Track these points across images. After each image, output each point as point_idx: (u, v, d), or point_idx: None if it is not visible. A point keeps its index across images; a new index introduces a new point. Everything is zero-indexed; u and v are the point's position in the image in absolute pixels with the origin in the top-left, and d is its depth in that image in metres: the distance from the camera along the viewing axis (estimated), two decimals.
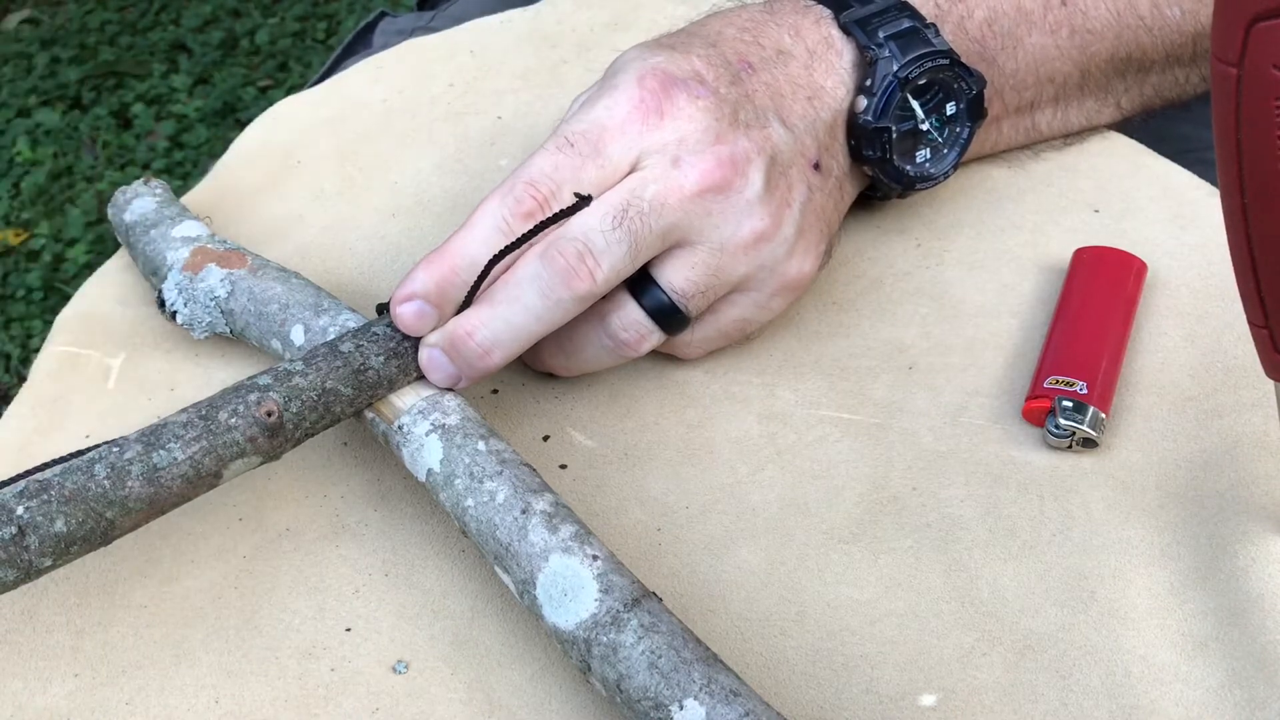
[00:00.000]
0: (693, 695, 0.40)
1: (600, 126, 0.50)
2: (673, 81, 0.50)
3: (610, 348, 0.52)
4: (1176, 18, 0.59)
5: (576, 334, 0.52)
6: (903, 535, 0.49)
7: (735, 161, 0.50)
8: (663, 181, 0.49)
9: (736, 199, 0.50)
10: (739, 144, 0.50)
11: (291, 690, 0.46)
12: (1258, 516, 0.48)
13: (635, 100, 0.50)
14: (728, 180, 0.50)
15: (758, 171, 0.50)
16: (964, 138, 0.57)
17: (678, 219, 0.49)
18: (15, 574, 0.43)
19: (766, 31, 0.54)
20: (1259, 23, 0.34)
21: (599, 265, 0.48)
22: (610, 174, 0.49)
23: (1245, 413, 0.51)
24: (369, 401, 0.49)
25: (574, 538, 0.44)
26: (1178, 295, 0.56)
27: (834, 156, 0.54)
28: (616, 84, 0.51)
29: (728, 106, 0.51)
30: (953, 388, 0.54)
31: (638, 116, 0.50)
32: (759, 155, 0.51)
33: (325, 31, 2.20)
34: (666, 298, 0.50)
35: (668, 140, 0.50)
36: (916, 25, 0.54)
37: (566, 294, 0.48)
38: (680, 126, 0.50)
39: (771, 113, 0.52)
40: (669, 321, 0.51)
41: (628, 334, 0.51)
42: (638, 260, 0.49)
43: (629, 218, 0.48)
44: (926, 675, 0.45)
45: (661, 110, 0.50)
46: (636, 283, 0.51)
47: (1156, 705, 0.44)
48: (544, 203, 0.48)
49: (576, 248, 0.48)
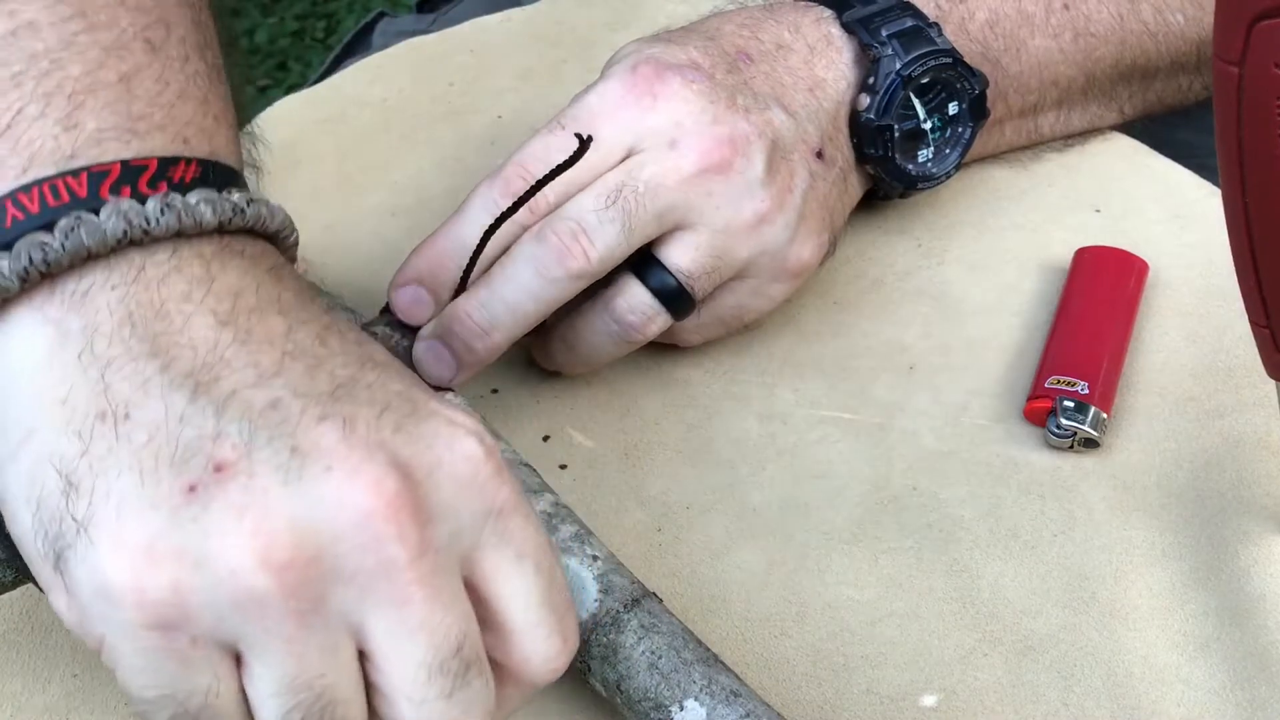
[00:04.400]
0: (693, 696, 0.40)
1: (592, 110, 0.50)
2: (666, 66, 0.51)
3: (616, 333, 0.51)
4: (1180, 24, 0.59)
5: (580, 322, 0.52)
6: (903, 535, 0.49)
7: (735, 142, 0.50)
8: (659, 164, 0.49)
9: (737, 179, 0.50)
10: (738, 125, 0.50)
11: None
12: (1259, 516, 0.48)
13: (628, 84, 0.50)
14: (727, 160, 0.50)
15: (759, 153, 0.50)
16: (966, 138, 0.57)
17: (675, 200, 0.49)
18: (15, 574, 0.43)
19: (766, 28, 0.54)
20: (1260, 22, 0.34)
21: (592, 244, 0.48)
22: (604, 156, 0.49)
23: (1247, 412, 0.51)
24: None
25: (574, 538, 0.44)
26: (1179, 295, 0.56)
27: (839, 148, 0.54)
28: (610, 73, 0.51)
29: (724, 91, 0.51)
30: (954, 388, 0.54)
31: (631, 99, 0.50)
32: (759, 138, 0.51)
33: (324, 31, 2.20)
34: (673, 279, 0.50)
35: (663, 123, 0.50)
36: (919, 24, 0.54)
37: (561, 272, 0.48)
38: (675, 109, 0.50)
39: (772, 99, 0.52)
40: (675, 303, 0.51)
41: (634, 316, 0.51)
42: (634, 241, 0.49)
43: (622, 197, 0.49)
44: (927, 676, 0.45)
45: (654, 92, 0.50)
46: (642, 265, 0.51)
47: (1158, 706, 0.44)
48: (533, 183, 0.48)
49: (570, 227, 0.48)
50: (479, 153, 0.65)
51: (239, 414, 0.33)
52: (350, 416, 0.34)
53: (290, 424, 0.33)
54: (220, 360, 0.34)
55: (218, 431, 0.33)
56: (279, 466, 0.33)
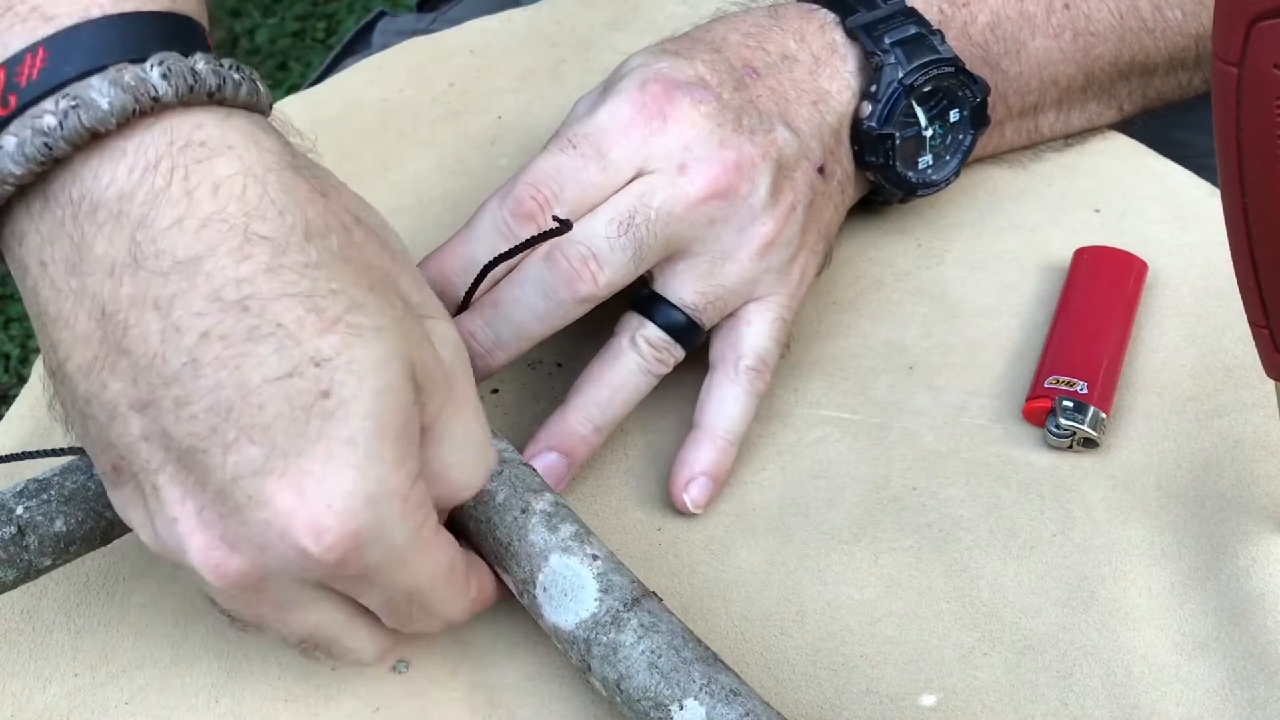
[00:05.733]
0: (693, 695, 0.40)
1: (603, 129, 0.50)
2: (676, 86, 0.50)
3: (646, 369, 0.51)
4: (1178, 20, 0.59)
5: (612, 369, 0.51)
6: (903, 535, 0.49)
7: (741, 167, 0.50)
8: (670, 189, 0.49)
9: (742, 205, 0.50)
10: (744, 149, 0.50)
11: (291, 690, 0.46)
12: (1258, 516, 0.48)
13: (638, 104, 0.50)
14: (733, 186, 0.50)
15: (763, 177, 0.50)
16: (966, 145, 0.57)
17: (682, 228, 0.49)
18: (15, 574, 0.43)
19: (771, 37, 0.54)
20: (1260, 22, 0.34)
21: (601, 270, 0.48)
22: (613, 177, 0.49)
23: (1246, 412, 0.51)
24: None
25: (574, 537, 0.44)
26: (1178, 295, 0.56)
27: (838, 161, 0.54)
28: (620, 89, 0.51)
29: (731, 112, 0.51)
30: (953, 388, 0.54)
31: (641, 120, 0.50)
32: (764, 160, 0.51)
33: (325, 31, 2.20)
34: (681, 314, 0.50)
35: (672, 146, 0.50)
36: (922, 32, 0.54)
37: (568, 295, 0.48)
38: (684, 131, 0.50)
39: (777, 117, 0.52)
40: (685, 337, 0.51)
41: (658, 353, 0.51)
42: (641, 267, 0.49)
43: (635, 225, 0.49)
44: (927, 675, 0.45)
45: (665, 114, 0.50)
46: (649, 303, 0.51)
47: (1157, 706, 0.44)
48: (545, 204, 0.49)
49: (580, 251, 0.48)
50: (479, 153, 0.65)
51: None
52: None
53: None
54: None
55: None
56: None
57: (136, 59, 0.38)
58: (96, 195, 0.37)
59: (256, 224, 0.37)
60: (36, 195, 0.39)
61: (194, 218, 0.37)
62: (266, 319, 0.37)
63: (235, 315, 0.37)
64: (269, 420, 0.36)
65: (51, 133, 0.37)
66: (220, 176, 0.38)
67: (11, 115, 0.38)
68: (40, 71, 0.38)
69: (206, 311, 0.37)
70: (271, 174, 0.38)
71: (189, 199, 0.37)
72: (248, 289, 0.37)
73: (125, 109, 0.37)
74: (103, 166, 0.38)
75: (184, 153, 0.38)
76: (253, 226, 0.37)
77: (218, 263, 0.37)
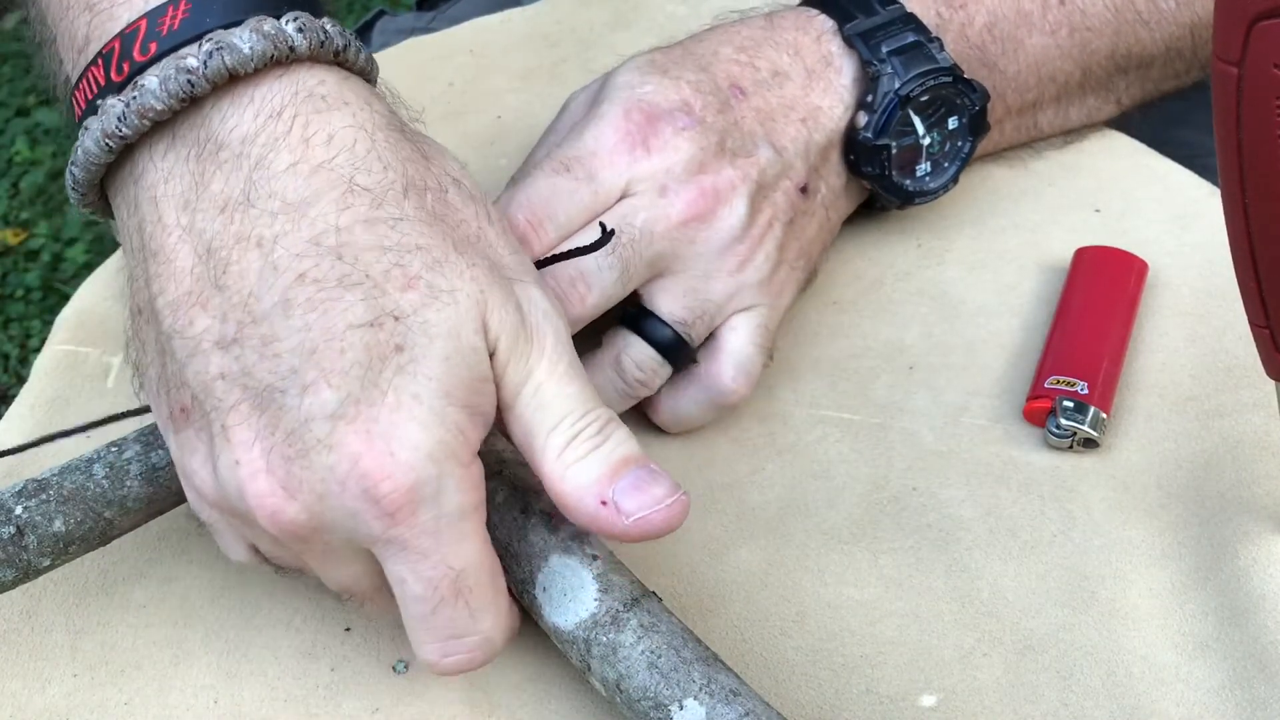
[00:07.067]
0: (693, 695, 0.40)
1: (591, 153, 0.50)
2: (658, 115, 0.51)
3: (623, 390, 0.51)
4: (1172, 8, 0.59)
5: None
6: (903, 535, 0.49)
7: (719, 191, 0.51)
8: (650, 210, 0.50)
9: (720, 227, 0.51)
10: (723, 173, 0.51)
11: (291, 690, 0.46)
12: (1259, 516, 0.48)
13: (622, 132, 0.51)
14: (710, 209, 0.50)
15: (741, 199, 0.51)
16: (965, 152, 0.57)
17: (664, 248, 0.50)
18: (14, 574, 0.43)
19: (763, 52, 0.54)
20: (1260, 22, 0.34)
21: (590, 290, 0.49)
22: (603, 199, 0.50)
23: (1246, 413, 0.51)
24: None
25: (573, 537, 0.44)
26: (1179, 295, 0.56)
27: (824, 178, 0.54)
28: (603, 113, 0.51)
29: (714, 135, 0.51)
30: (953, 388, 0.54)
31: (624, 148, 0.50)
32: (744, 183, 0.51)
33: None
34: (670, 330, 0.51)
35: (655, 169, 0.50)
36: (920, 40, 0.54)
37: None
38: (667, 157, 0.50)
39: (761, 137, 0.52)
40: (675, 354, 0.51)
41: (642, 373, 0.51)
42: (628, 287, 0.50)
43: (620, 244, 0.49)
44: (927, 676, 0.45)
45: (648, 144, 0.51)
46: (638, 321, 0.51)
47: (1157, 706, 0.44)
48: (537, 226, 0.49)
49: (569, 272, 0.49)
50: (479, 153, 0.65)
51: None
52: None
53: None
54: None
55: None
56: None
57: (272, 15, 0.41)
58: (222, 136, 0.40)
59: (361, 176, 0.40)
60: (164, 134, 0.41)
61: (307, 163, 0.40)
62: (358, 268, 0.39)
63: (330, 261, 0.39)
64: (347, 366, 0.38)
65: (195, 71, 0.40)
66: (335, 128, 0.41)
67: (150, 60, 0.41)
68: (182, 22, 0.41)
69: (305, 254, 0.39)
70: (380, 132, 0.41)
71: (305, 145, 0.40)
72: (345, 237, 0.39)
73: (265, 54, 0.40)
74: (231, 109, 0.41)
75: (306, 103, 0.41)
76: (357, 178, 0.40)
77: (321, 209, 0.39)
